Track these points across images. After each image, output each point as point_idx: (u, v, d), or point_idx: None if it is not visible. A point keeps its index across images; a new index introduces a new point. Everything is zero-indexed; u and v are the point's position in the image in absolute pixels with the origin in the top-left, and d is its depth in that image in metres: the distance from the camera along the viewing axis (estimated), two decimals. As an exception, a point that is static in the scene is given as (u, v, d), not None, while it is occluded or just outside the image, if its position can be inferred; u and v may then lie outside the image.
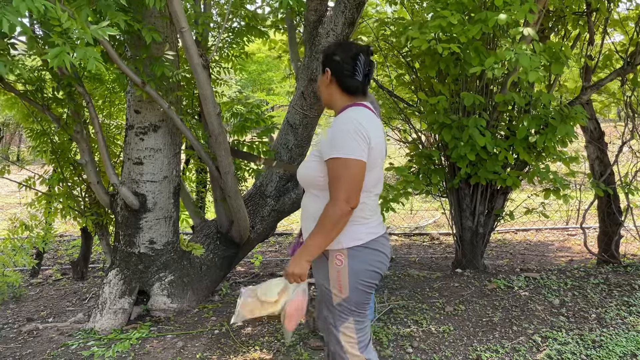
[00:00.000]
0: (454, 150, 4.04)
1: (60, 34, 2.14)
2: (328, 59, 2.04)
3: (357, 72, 1.97)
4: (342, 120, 1.92)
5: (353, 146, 1.84)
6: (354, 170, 1.85)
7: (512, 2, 3.26)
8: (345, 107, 2.01)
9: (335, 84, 2.02)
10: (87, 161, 3.71)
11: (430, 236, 6.64)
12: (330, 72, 2.01)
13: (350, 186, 1.85)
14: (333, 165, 1.87)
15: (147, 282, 3.74)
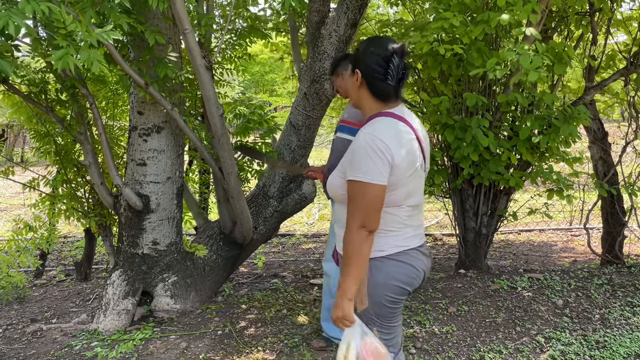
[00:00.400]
0: (456, 151, 4.04)
1: (65, 36, 2.15)
2: (358, 60, 1.89)
3: (389, 76, 1.80)
4: (361, 139, 1.78)
5: (371, 169, 1.72)
6: (371, 195, 1.73)
7: (514, 2, 3.26)
8: (373, 116, 1.86)
9: (365, 88, 1.87)
10: (90, 162, 3.72)
11: (433, 237, 6.62)
12: (361, 75, 1.86)
13: (366, 212, 1.74)
14: (351, 187, 1.77)
15: (150, 283, 3.75)
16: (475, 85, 4.13)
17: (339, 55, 3.38)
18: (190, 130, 3.60)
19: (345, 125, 3.19)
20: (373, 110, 1.87)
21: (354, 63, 1.91)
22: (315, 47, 3.96)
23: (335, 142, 3.28)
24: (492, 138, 3.93)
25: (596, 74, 4.56)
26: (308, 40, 4.05)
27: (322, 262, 3.22)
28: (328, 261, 3.16)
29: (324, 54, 3.92)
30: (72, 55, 2.14)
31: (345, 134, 3.19)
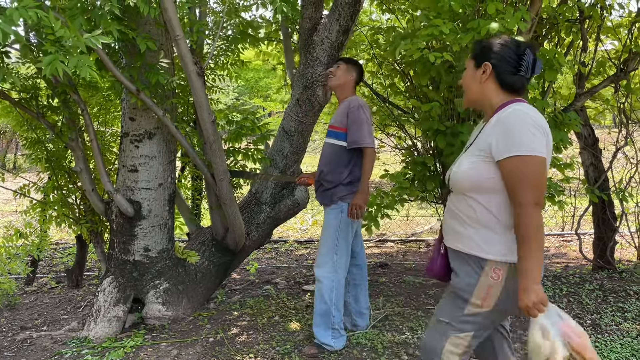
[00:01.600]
0: (448, 157, 4.05)
1: (54, 42, 2.15)
2: (487, 52, 1.85)
3: (522, 69, 1.79)
4: (514, 116, 1.73)
5: (534, 142, 1.68)
6: (538, 168, 1.68)
7: (505, 10, 3.28)
8: (504, 104, 1.81)
9: (494, 80, 1.83)
10: (81, 169, 3.71)
11: (426, 242, 6.64)
12: (492, 67, 1.82)
13: (536, 186, 1.67)
14: (515, 164, 1.68)
15: (141, 290, 3.73)
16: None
17: (354, 60, 3.54)
18: (182, 137, 3.60)
19: (332, 130, 3.22)
20: (500, 101, 1.84)
21: (482, 55, 1.86)
22: (307, 53, 3.97)
23: (324, 147, 3.29)
24: (483, 144, 3.94)
25: (587, 81, 4.59)
26: (300, 46, 4.06)
27: (314, 268, 3.22)
28: (319, 267, 3.16)
29: (316, 61, 3.93)
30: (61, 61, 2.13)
31: (332, 139, 3.21)
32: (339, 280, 3.12)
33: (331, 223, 3.16)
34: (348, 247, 3.17)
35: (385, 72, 4.73)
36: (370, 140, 3.11)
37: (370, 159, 3.10)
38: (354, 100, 3.21)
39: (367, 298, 3.39)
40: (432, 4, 3.42)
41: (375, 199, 4.21)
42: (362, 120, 3.10)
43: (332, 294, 3.09)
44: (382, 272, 5.04)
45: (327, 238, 3.16)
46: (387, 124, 4.81)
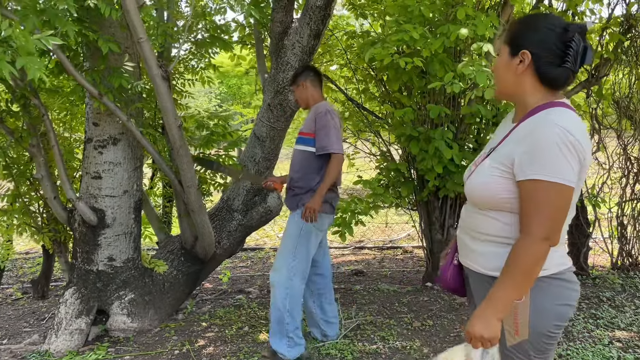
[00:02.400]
0: (421, 163, 4.01)
1: (1, 42, 2.05)
2: (526, 37, 1.51)
3: (568, 60, 1.46)
4: (547, 129, 1.42)
5: (562, 166, 1.39)
6: (560, 199, 1.41)
7: (474, 15, 3.25)
8: (541, 106, 1.50)
9: (533, 73, 1.51)
10: (43, 176, 3.58)
11: (403, 249, 6.59)
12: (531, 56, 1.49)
13: (553, 219, 1.41)
14: (532, 188, 1.42)
15: (106, 301, 3.60)
16: (440, 96, 4.11)
17: (302, 66, 3.41)
18: (147, 142, 3.49)
19: (301, 137, 3.15)
20: (537, 100, 1.52)
21: (518, 42, 1.52)
22: (278, 58, 3.90)
23: (294, 154, 3.22)
24: (456, 150, 3.91)
25: (559, 87, 4.59)
26: (271, 51, 4.00)
27: (270, 272, 3.13)
28: (275, 271, 3.08)
29: (287, 65, 3.87)
30: (8, 62, 2.03)
31: (301, 145, 3.14)
32: (293, 286, 3.03)
33: (293, 228, 3.09)
34: (308, 254, 3.08)
35: (359, 77, 4.69)
36: (337, 146, 3.04)
37: (335, 165, 3.02)
38: (322, 105, 3.14)
39: (334, 307, 3.31)
40: (402, 10, 3.38)
41: (350, 206, 4.15)
42: (330, 125, 3.03)
43: (286, 301, 3.00)
44: (357, 280, 4.97)
45: (287, 242, 3.09)
46: (362, 130, 4.76)
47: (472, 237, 1.61)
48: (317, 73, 3.32)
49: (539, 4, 4.19)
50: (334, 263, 5.93)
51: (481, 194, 1.55)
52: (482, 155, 1.65)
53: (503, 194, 1.49)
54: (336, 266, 5.77)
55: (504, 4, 3.83)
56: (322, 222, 3.09)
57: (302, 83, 3.24)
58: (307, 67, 3.39)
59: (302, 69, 3.36)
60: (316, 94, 3.24)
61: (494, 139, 1.66)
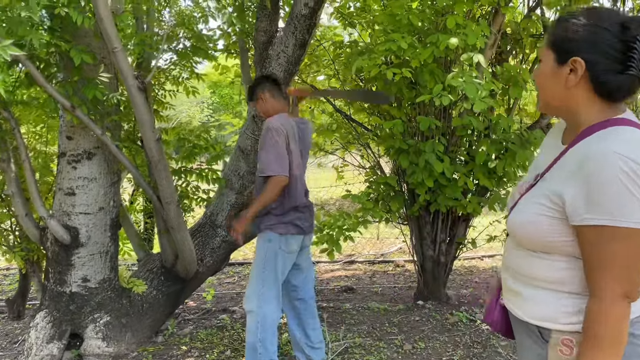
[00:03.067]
0: (411, 176, 3.87)
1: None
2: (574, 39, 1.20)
3: (633, 65, 1.15)
4: (607, 158, 1.12)
5: (629, 205, 1.10)
6: (633, 246, 1.12)
7: (464, 24, 3.13)
8: (597, 125, 1.21)
9: (587, 82, 1.20)
10: (13, 192, 3.39)
11: (395, 263, 6.43)
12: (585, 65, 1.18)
13: (627, 272, 1.13)
14: (594, 236, 1.14)
15: (80, 325, 3.41)
16: (430, 108, 3.98)
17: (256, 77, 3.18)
18: (123, 156, 3.33)
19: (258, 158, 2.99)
20: (592, 116, 1.22)
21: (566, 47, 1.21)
22: (263, 68, 3.76)
23: (257, 177, 3.04)
24: (447, 163, 3.77)
25: (552, 98, 4.47)
26: (256, 60, 3.86)
27: (243, 301, 2.96)
28: (246, 299, 2.91)
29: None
30: (-40, 74, 1.87)
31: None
32: (264, 314, 2.85)
33: (259, 253, 2.92)
34: (277, 278, 2.90)
35: (347, 88, 4.55)
36: (276, 166, 2.77)
37: (271, 187, 2.78)
38: (266, 123, 2.89)
39: (318, 332, 3.13)
40: (390, 19, 3.25)
41: (337, 221, 3.99)
42: (268, 145, 2.79)
43: (257, 330, 2.82)
44: (347, 298, 4.80)
45: (254, 269, 2.93)
46: (350, 142, 4.61)
47: (517, 279, 1.33)
48: (274, 82, 3.10)
49: (530, 13, 4.08)
50: (323, 279, 5.76)
51: (526, 235, 1.27)
52: (526, 182, 1.36)
53: (554, 237, 1.21)
54: (325, 282, 5.60)
55: (495, 13, 3.72)
56: (288, 243, 2.91)
57: (261, 96, 3.04)
58: (262, 77, 3.18)
59: (257, 80, 3.14)
60: (277, 105, 3.02)
61: (540, 160, 1.36)
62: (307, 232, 3.07)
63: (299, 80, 4.65)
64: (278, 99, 3.03)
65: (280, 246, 2.90)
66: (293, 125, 2.95)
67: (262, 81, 3.06)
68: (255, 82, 3.08)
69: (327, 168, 5.94)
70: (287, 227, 2.91)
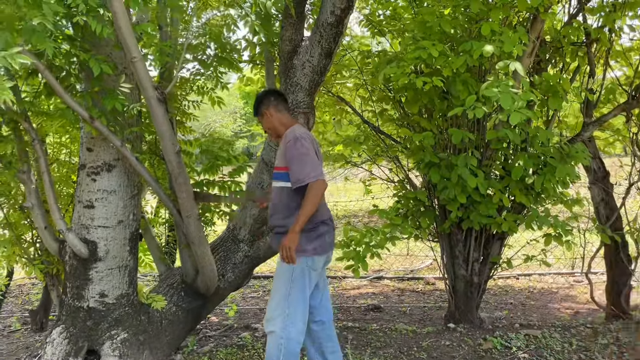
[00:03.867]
0: (442, 192, 3.67)
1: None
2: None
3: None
4: None
5: None
6: None
7: (500, 31, 2.93)
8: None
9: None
10: (33, 204, 3.34)
11: (425, 281, 6.19)
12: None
13: None
14: None
15: (97, 341, 3.31)
16: (463, 120, 3.78)
17: (261, 92, 3.06)
18: (143, 168, 3.24)
19: (277, 172, 2.85)
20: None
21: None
22: (287, 78, 3.64)
23: (273, 192, 2.89)
24: (481, 178, 3.56)
25: (595, 109, 4.22)
26: (280, 71, 3.74)
27: (264, 322, 2.80)
28: (268, 321, 2.74)
29: (297, 86, 3.61)
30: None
31: (278, 182, 2.85)
32: (289, 337, 2.68)
33: (283, 272, 2.74)
34: (304, 299, 2.73)
35: (375, 98, 4.39)
36: (315, 173, 2.64)
37: (313, 193, 2.62)
38: (289, 133, 2.76)
39: (338, 355, 2.94)
40: (421, 26, 3.08)
41: (364, 237, 3.81)
42: (301, 153, 2.66)
43: (280, 354, 2.66)
44: (374, 317, 4.60)
45: (279, 289, 2.75)
46: (378, 155, 4.44)
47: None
48: (278, 95, 2.96)
49: (571, 20, 3.85)
50: (349, 296, 5.57)
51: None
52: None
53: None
54: (352, 299, 5.41)
55: (534, 19, 3.50)
56: (314, 261, 2.75)
57: (265, 112, 2.89)
58: (266, 92, 3.03)
59: (261, 96, 2.99)
60: (284, 119, 2.88)
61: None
62: (332, 248, 2.92)
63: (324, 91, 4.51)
64: (284, 113, 2.89)
65: (307, 263, 2.75)
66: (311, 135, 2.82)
67: (266, 96, 2.92)
68: (259, 98, 2.94)
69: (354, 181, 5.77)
70: (315, 248, 2.75)
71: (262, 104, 2.91)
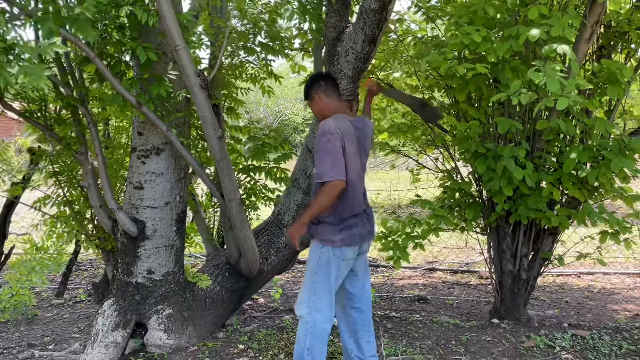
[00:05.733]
0: (488, 183, 3.55)
1: (5, 51, 1.97)
2: None
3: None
4: None
5: None
6: None
7: (550, 15, 2.77)
8: None
9: None
10: (90, 184, 3.57)
11: (479, 274, 6.02)
12: None
13: None
14: None
15: (144, 315, 3.51)
16: (513, 108, 3.62)
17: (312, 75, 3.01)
18: (187, 152, 3.37)
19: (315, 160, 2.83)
20: None
21: None
22: (331, 65, 3.64)
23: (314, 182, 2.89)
24: (529, 170, 3.41)
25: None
26: (325, 58, 3.75)
27: (295, 306, 2.85)
28: (297, 306, 2.79)
29: (341, 73, 3.59)
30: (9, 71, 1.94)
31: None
32: (315, 322, 2.71)
33: (311, 260, 2.78)
34: (330, 286, 2.74)
35: (425, 84, 4.29)
36: (333, 173, 2.60)
37: (325, 193, 2.61)
38: (322, 125, 2.72)
39: (372, 345, 2.95)
40: (465, 10, 2.97)
41: (405, 227, 3.77)
42: (324, 150, 2.63)
43: (307, 338, 2.69)
44: (418, 308, 4.55)
45: (307, 275, 2.79)
46: (427, 144, 4.35)
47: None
48: (327, 79, 2.92)
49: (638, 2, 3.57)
50: (397, 285, 5.53)
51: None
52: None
53: None
54: (400, 289, 5.37)
55: (593, 2, 3.28)
56: (342, 251, 2.75)
57: (315, 96, 2.85)
58: (315, 76, 3.00)
59: (311, 80, 2.96)
60: (331, 105, 2.84)
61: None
62: (366, 239, 2.91)
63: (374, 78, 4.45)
64: (334, 99, 2.86)
65: (334, 253, 2.76)
66: (350, 126, 2.77)
67: (315, 80, 2.90)
68: (310, 82, 2.93)
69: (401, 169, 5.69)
70: (342, 239, 2.76)
71: (312, 88, 2.89)
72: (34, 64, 2.00)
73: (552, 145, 3.76)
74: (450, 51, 2.90)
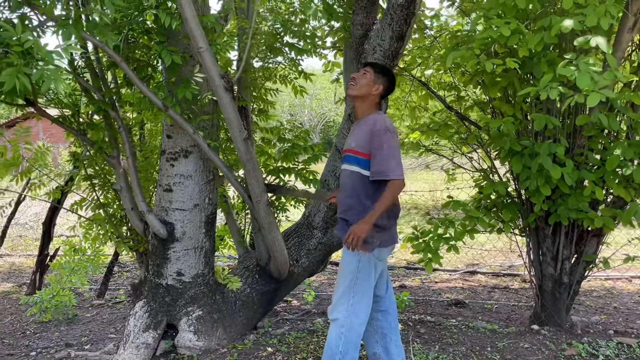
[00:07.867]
0: (524, 183, 3.39)
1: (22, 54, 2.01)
2: None
3: None
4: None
5: None
6: None
7: (586, 3, 2.61)
8: None
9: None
10: (122, 187, 3.63)
11: (521, 278, 5.79)
12: None
13: None
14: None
15: (175, 316, 3.54)
16: (550, 104, 3.45)
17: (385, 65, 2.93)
18: (214, 155, 3.37)
19: (352, 155, 2.73)
20: None
21: None
22: (358, 63, 3.58)
23: (343, 175, 2.81)
24: (569, 168, 3.22)
25: None
26: (353, 56, 3.68)
27: (328, 311, 2.77)
28: (333, 310, 2.71)
29: (368, 72, 3.51)
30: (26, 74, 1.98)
31: (353, 166, 2.72)
32: (351, 327, 2.63)
33: (350, 261, 2.68)
34: (370, 289, 2.68)
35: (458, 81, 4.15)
36: (399, 171, 2.55)
37: (392, 192, 2.55)
38: (380, 121, 2.63)
39: (400, 349, 2.85)
40: (494, 2, 2.84)
41: (437, 229, 3.65)
42: (391, 147, 2.55)
43: (340, 342, 2.62)
44: (454, 313, 4.40)
45: (345, 278, 2.70)
46: (463, 142, 4.20)
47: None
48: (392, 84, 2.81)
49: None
50: (435, 289, 5.38)
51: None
52: None
53: None
54: (437, 292, 5.22)
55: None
56: (380, 251, 2.68)
57: (376, 80, 2.73)
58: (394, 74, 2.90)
59: (387, 68, 2.87)
60: (375, 100, 2.77)
61: None
62: (396, 240, 2.84)
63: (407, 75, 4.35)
64: (379, 102, 2.78)
65: (373, 254, 2.70)
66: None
67: (388, 72, 2.78)
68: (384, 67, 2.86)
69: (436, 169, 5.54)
70: (384, 239, 2.70)
71: (380, 73, 2.76)
72: (55, 67, 2.03)
73: (595, 142, 3.55)
74: (478, 46, 2.77)
